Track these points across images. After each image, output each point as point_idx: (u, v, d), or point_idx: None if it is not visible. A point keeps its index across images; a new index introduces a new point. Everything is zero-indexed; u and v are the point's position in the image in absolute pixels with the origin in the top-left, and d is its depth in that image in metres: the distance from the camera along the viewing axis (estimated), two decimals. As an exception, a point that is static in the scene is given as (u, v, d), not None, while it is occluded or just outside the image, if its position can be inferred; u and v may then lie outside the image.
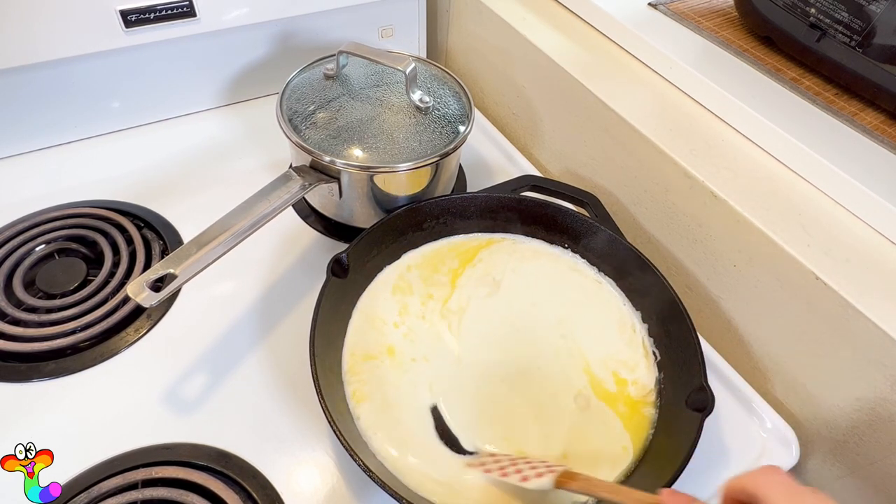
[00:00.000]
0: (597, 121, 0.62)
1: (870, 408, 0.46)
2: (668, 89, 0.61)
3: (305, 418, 0.47)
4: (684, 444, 0.41)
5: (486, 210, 0.58)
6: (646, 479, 0.43)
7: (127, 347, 0.51)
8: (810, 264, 0.46)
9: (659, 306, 0.51)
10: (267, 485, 0.43)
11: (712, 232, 0.54)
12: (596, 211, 0.57)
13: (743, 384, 0.52)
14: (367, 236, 0.52)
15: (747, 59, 0.60)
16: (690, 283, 0.58)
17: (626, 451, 0.45)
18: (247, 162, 0.68)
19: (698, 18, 0.66)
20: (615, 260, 0.55)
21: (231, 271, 0.55)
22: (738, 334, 0.55)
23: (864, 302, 0.44)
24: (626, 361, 0.50)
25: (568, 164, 0.70)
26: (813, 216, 0.50)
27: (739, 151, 0.55)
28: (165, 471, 0.43)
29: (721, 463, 0.48)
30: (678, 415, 0.45)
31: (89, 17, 0.58)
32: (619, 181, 0.63)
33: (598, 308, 0.54)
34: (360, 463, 0.38)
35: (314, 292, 0.47)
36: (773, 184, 0.52)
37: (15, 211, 0.59)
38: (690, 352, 0.47)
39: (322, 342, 0.45)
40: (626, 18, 0.65)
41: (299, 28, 0.72)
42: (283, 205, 0.49)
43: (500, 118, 0.79)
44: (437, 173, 0.57)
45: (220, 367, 0.50)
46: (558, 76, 0.64)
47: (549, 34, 0.68)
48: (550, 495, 0.42)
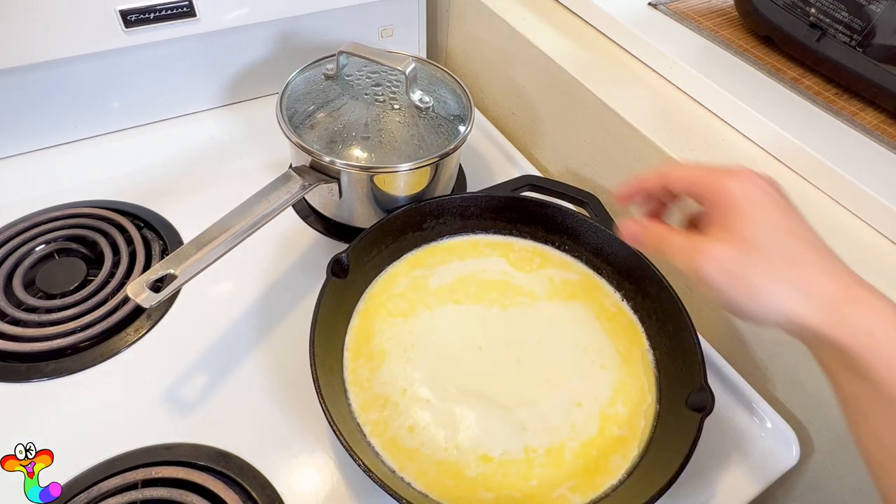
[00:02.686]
0: (597, 120, 0.62)
1: (870, 408, 0.46)
2: (668, 89, 0.61)
3: (305, 418, 0.47)
4: (684, 444, 0.41)
5: (486, 210, 0.58)
6: (645, 479, 0.42)
7: (127, 347, 0.51)
8: (810, 264, 0.46)
9: (659, 306, 0.51)
10: (267, 485, 0.44)
11: (712, 232, 0.54)
12: (596, 211, 0.57)
13: (743, 384, 0.52)
14: (367, 236, 0.52)
15: (747, 59, 0.60)
16: (690, 283, 0.58)
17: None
18: (247, 162, 0.68)
19: (698, 18, 0.66)
20: (615, 260, 0.55)
21: (231, 271, 0.55)
22: (738, 334, 0.55)
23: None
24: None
25: (568, 164, 0.70)
26: (813, 216, 0.49)
27: (739, 151, 0.55)
28: (165, 471, 0.43)
29: (721, 463, 0.48)
30: (678, 415, 0.45)
31: (89, 17, 0.58)
32: (618, 181, 0.63)
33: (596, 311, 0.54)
34: (360, 463, 0.38)
35: (314, 292, 0.47)
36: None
37: (15, 211, 0.59)
38: (690, 351, 0.47)
39: (322, 342, 0.45)
40: (626, 18, 0.65)
41: (299, 28, 0.72)
42: (283, 205, 0.49)
43: (499, 118, 0.79)
44: (437, 173, 0.57)
45: (220, 367, 0.50)
46: (558, 76, 0.64)
47: (549, 34, 0.68)
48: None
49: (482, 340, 0.51)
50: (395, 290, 0.54)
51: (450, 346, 0.50)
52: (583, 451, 0.45)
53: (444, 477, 0.43)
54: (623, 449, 0.45)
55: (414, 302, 0.53)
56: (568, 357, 0.50)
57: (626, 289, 0.54)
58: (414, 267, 0.56)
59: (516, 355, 0.50)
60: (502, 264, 0.57)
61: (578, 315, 0.53)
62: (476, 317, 0.52)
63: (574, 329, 0.52)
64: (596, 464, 0.44)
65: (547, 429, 0.46)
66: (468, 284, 0.55)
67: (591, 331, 0.52)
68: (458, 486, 0.43)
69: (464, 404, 0.47)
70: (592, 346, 0.51)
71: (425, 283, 0.54)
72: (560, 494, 0.43)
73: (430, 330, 0.51)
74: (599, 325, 0.53)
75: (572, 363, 0.50)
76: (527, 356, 0.50)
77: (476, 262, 0.57)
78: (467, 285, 0.54)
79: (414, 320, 0.52)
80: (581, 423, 0.46)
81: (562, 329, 0.52)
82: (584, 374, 0.49)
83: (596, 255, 0.56)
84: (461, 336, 0.51)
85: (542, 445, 0.45)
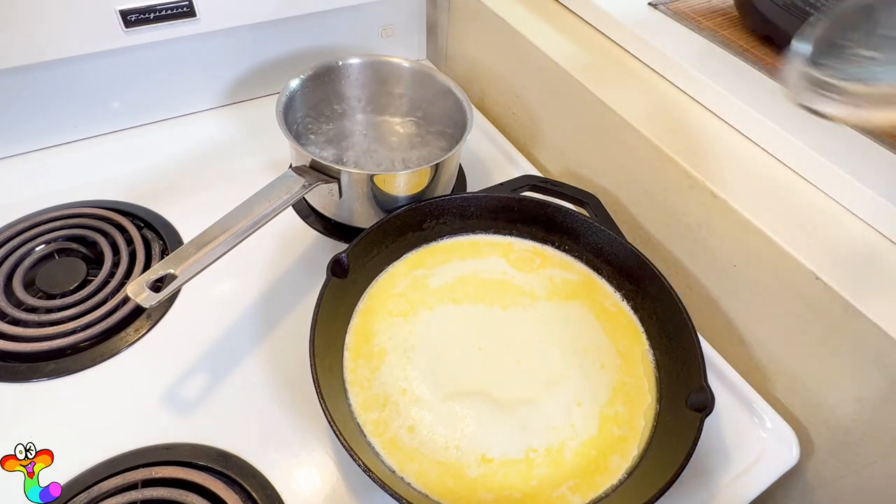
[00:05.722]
0: (597, 121, 0.62)
1: (870, 407, 0.46)
2: (669, 89, 0.61)
3: (306, 418, 0.47)
4: (684, 444, 0.41)
5: (486, 210, 0.58)
6: (645, 479, 0.42)
7: (127, 347, 0.51)
8: (810, 264, 0.46)
9: (659, 306, 0.51)
10: (267, 485, 0.44)
11: (712, 232, 0.54)
12: (596, 211, 0.57)
13: (743, 384, 0.52)
14: (367, 236, 0.52)
15: (747, 59, 0.60)
16: (690, 282, 0.58)
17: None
18: (247, 162, 0.68)
19: (698, 18, 0.66)
20: (615, 260, 0.55)
21: (231, 271, 0.55)
22: (738, 334, 0.55)
23: (864, 302, 0.44)
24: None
25: (567, 164, 0.70)
26: (813, 215, 0.49)
27: (739, 151, 0.55)
28: (165, 471, 0.43)
29: (721, 463, 0.48)
30: (678, 415, 0.45)
31: (89, 17, 0.58)
32: (618, 181, 0.63)
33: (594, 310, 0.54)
34: (360, 463, 0.38)
35: (314, 292, 0.47)
36: (773, 183, 0.52)
37: (15, 211, 0.59)
38: (690, 352, 0.47)
39: (322, 342, 0.45)
40: (627, 18, 0.65)
41: (299, 28, 0.72)
42: (283, 205, 0.49)
43: (499, 118, 0.79)
44: (437, 174, 0.57)
45: (220, 367, 0.50)
46: (558, 76, 0.64)
47: (549, 34, 0.68)
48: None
49: (482, 340, 0.51)
50: (396, 290, 0.54)
51: (450, 346, 0.50)
52: (583, 451, 0.45)
53: (444, 477, 0.43)
54: (623, 449, 0.45)
55: (414, 302, 0.53)
56: (568, 357, 0.50)
57: (626, 289, 0.54)
58: (414, 267, 0.56)
59: (516, 355, 0.50)
60: (502, 264, 0.57)
61: (578, 315, 0.53)
62: (476, 317, 0.52)
63: (574, 329, 0.52)
64: (596, 464, 0.44)
65: (547, 429, 0.46)
66: (468, 284, 0.55)
67: (591, 331, 0.52)
68: (459, 486, 0.43)
69: (464, 404, 0.47)
70: (592, 346, 0.51)
71: (425, 283, 0.54)
72: (560, 494, 0.43)
73: (431, 330, 0.51)
74: (599, 325, 0.53)
75: (572, 363, 0.50)
76: (527, 356, 0.50)
77: (476, 262, 0.56)
78: (467, 285, 0.54)
79: (414, 320, 0.52)
80: (581, 423, 0.46)
81: (562, 329, 0.52)
82: (584, 374, 0.49)
83: (596, 255, 0.56)
84: (461, 336, 0.51)
85: (542, 445, 0.45)
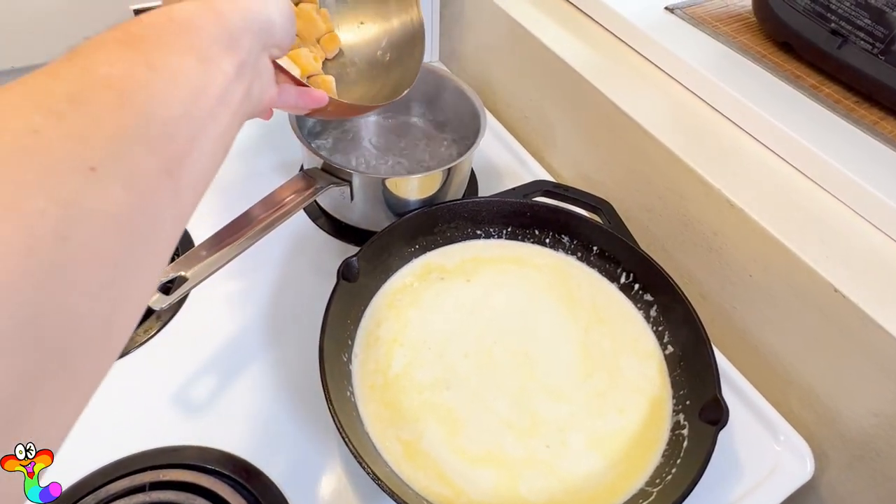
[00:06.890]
0: (611, 125, 0.61)
1: (888, 423, 0.45)
2: (685, 95, 0.60)
3: (314, 423, 0.47)
4: (697, 457, 0.41)
5: (498, 215, 0.57)
6: (659, 493, 0.42)
7: (136, 348, 0.51)
8: (828, 275, 0.45)
9: (672, 316, 0.50)
10: (274, 489, 0.43)
11: (728, 240, 0.53)
12: (609, 218, 0.56)
13: (757, 396, 0.51)
14: (378, 240, 0.52)
15: (765, 65, 0.59)
16: (704, 291, 0.57)
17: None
18: (258, 163, 0.68)
19: (716, 23, 0.65)
20: (628, 268, 0.54)
21: (241, 273, 0.55)
22: (752, 345, 0.54)
23: (883, 314, 0.43)
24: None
25: (581, 170, 0.69)
26: (831, 226, 0.49)
27: (757, 159, 0.54)
28: (173, 474, 0.43)
29: (734, 477, 0.47)
30: (692, 427, 0.44)
31: (104, 15, 0.58)
32: (633, 187, 0.62)
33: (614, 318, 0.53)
34: (368, 471, 0.38)
35: (324, 295, 0.47)
36: (791, 192, 0.51)
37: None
38: (704, 363, 0.46)
39: (331, 346, 0.45)
40: (643, 22, 0.64)
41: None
42: (294, 208, 0.49)
43: (512, 122, 0.78)
44: (449, 178, 0.57)
45: (228, 370, 0.50)
46: (572, 79, 0.64)
47: (564, 37, 0.67)
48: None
49: (496, 346, 0.50)
50: (406, 294, 0.53)
51: (463, 350, 0.50)
52: (595, 465, 0.44)
53: (454, 486, 0.42)
54: (636, 462, 0.45)
55: (425, 307, 0.52)
56: (580, 365, 0.50)
57: (639, 297, 0.54)
58: (425, 271, 0.55)
59: (530, 363, 0.49)
60: (515, 269, 0.56)
61: (591, 323, 0.53)
62: (489, 321, 0.52)
63: (587, 337, 0.52)
64: (608, 478, 0.44)
65: (560, 441, 0.45)
66: (481, 288, 0.54)
67: (603, 339, 0.52)
68: (469, 496, 0.42)
69: (478, 411, 0.46)
70: (605, 354, 0.51)
71: (437, 287, 0.54)
72: (570, 506, 0.42)
73: (443, 335, 0.51)
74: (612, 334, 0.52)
75: (585, 372, 0.49)
76: (540, 364, 0.49)
77: (488, 266, 0.56)
78: (480, 289, 0.54)
79: (425, 325, 0.51)
80: (593, 435, 0.46)
81: (575, 337, 0.52)
82: (596, 384, 0.49)
83: (609, 262, 0.56)
84: (474, 341, 0.50)
85: (554, 458, 0.44)
